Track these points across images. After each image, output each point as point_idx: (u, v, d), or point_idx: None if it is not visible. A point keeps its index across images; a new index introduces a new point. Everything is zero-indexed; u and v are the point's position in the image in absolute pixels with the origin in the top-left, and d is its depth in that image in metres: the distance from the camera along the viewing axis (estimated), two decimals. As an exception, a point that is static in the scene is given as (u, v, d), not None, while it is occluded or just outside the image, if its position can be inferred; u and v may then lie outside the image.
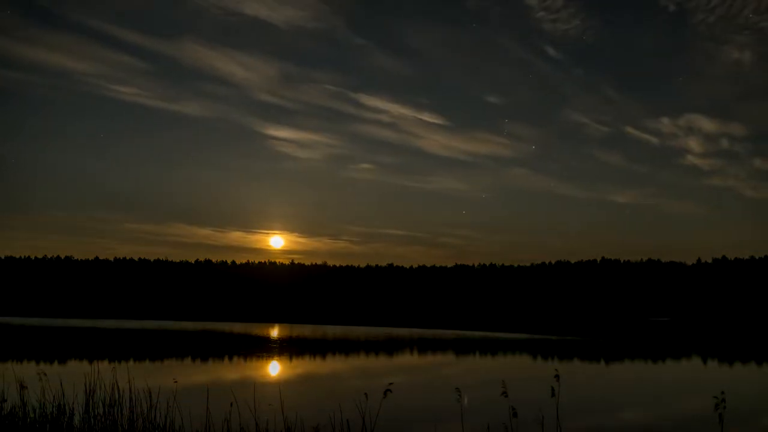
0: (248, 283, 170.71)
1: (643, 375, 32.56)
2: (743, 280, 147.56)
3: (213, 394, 12.85)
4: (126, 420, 12.05)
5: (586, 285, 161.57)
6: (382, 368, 34.06)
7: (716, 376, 32.49)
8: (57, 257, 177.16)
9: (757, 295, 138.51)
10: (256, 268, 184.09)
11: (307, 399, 22.06)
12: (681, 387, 27.58)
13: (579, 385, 25.72)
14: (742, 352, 47.87)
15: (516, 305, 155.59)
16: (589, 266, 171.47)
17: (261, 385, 23.25)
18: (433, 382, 28.39)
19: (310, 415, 16.61)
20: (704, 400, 20.52)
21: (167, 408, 11.99)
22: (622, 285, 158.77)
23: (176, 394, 12.19)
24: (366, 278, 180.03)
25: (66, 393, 12.23)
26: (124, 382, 12.25)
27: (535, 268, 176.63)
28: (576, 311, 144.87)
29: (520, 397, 19.97)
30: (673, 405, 21.90)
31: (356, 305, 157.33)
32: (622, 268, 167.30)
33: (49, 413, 12.05)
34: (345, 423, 11.04)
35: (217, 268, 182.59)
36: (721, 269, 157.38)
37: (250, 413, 11.61)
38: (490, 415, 15.92)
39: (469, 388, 24.01)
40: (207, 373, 30.66)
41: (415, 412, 19.14)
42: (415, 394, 22.81)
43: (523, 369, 34.82)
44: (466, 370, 35.05)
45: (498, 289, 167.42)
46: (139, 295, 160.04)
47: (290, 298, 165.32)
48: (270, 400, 14.08)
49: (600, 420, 18.38)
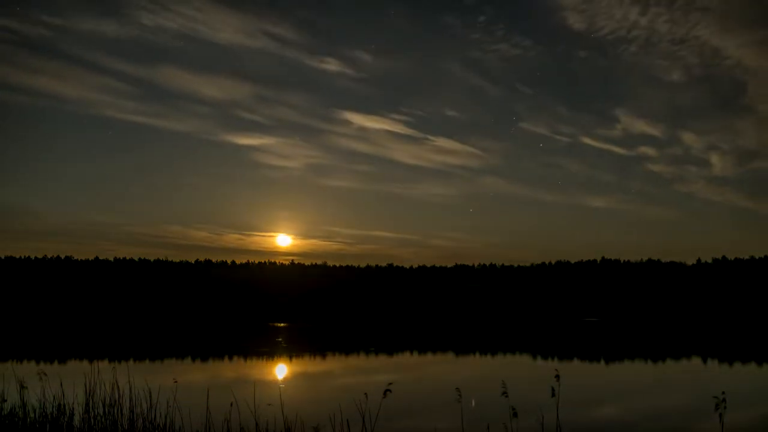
0: (248, 283, 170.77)
1: (644, 375, 32.57)
2: (736, 280, 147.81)
3: (213, 394, 12.85)
4: (126, 420, 12.05)
5: (584, 284, 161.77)
6: (382, 368, 34.07)
7: (716, 376, 32.50)
8: (57, 257, 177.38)
9: (747, 296, 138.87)
10: (256, 268, 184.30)
11: (307, 399, 22.08)
12: (681, 387, 27.59)
13: (579, 386, 25.74)
14: (742, 352, 47.87)
15: (515, 305, 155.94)
16: (590, 266, 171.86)
17: (261, 385, 23.26)
18: (433, 382, 28.40)
19: (310, 415, 16.63)
20: (705, 400, 20.53)
21: (167, 408, 12.00)
22: (622, 284, 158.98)
23: (176, 394, 12.18)
24: (365, 278, 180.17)
25: (66, 393, 12.23)
26: (124, 382, 12.24)
27: (536, 268, 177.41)
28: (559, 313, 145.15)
29: (520, 397, 19.97)
30: (672, 405, 21.91)
31: (356, 305, 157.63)
32: (622, 268, 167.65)
33: (49, 413, 12.05)
34: (345, 423, 11.04)
35: (217, 267, 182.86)
36: (717, 269, 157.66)
37: (250, 413, 11.62)
38: (490, 415, 15.93)
39: (469, 388, 24.02)
40: (207, 373, 30.68)
41: (415, 412, 19.15)
42: (415, 394, 22.82)
43: (523, 369, 34.84)
44: (466, 370, 35.08)
45: (498, 289, 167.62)
46: (139, 295, 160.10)
47: (290, 297, 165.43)
48: (270, 400, 14.08)
49: (600, 420, 18.39)
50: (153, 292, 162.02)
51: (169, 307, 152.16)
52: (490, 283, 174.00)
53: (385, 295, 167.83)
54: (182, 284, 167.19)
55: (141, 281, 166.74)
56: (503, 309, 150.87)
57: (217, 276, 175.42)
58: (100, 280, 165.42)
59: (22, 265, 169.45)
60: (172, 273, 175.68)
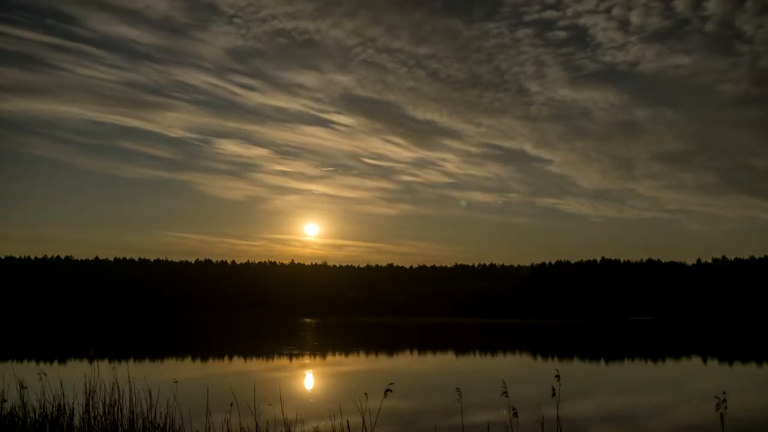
0: (247, 283, 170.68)
1: (644, 374, 32.57)
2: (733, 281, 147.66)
3: (213, 394, 12.84)
4: (126, 420, 12.03)
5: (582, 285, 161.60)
6: (382, 368, 34.07)
7: (717, 376, 32.49)
8: (57, 257, 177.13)
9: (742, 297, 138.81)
10: (256, 268, 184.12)
11: (307, 399, 22.07)
12: (681, 387, 27.58)
13: (579, 385, 25.73)
14: (742, 353, 47.87)
15: (516, 303, 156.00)
16: (589, 266, 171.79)
17: (261, 385, 23.25)
18: (433, 382, 28.39)
19: (310, 415, 16.62)
20: (705, 400, 20.54)
21: (167, 408, 11.98)
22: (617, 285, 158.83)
23: (176, 394, 12.17)
24: (366, 278, 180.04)
25: (66, 393, 12.21)
26: (124, 382, 12.23)
27: (536, 268, 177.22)
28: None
29: (520, 397, 19.97)
30: (673, 405, 21.90)
31: (357, 304, 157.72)
32: (622, 269, 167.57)
33: (49, 413, 12.03)
34: (345, 423, 11.02)
35: (216, 267, 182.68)
36: (714, 271, 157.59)
37: (250, 413, 11.61)
38: (490, 415, 15.92)
39: (469, 388, 24.01)
40: (207, 373, 30.68)
41: (415, 412, 19.14)
42: (415, 394, 22.82)
43: (523, 369, 34.83)
44: (466, 370, 35.08)
45: (498, 289, 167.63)
46: (139, 295, 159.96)
47: (290, 297, 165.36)
48: (270, 400, 14.07)
49: (600, 419, 18.38)
50: (153, 293, 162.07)
51: (168, 307, 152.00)
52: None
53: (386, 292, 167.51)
54: (182, 284, 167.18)
55: (141, 281, 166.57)
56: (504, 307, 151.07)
57: (217, 275, 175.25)
58: (99, 280, 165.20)
59: (22, 265, 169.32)
60: (172, 272, 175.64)
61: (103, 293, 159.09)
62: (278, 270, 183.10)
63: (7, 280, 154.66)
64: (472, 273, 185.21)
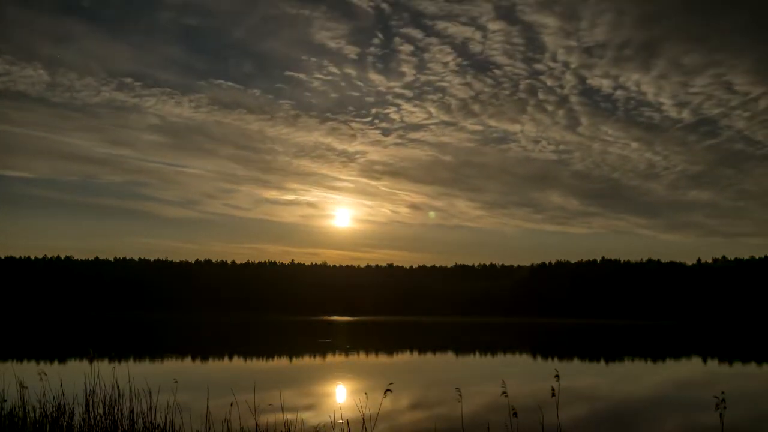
0: (248, 283, 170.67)
1: (644, 374, 32.56)
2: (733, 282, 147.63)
3: (213, 394, 12.83)
4: (126, 420, 12.02)
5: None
6: (382, 367, 34.07)
7: (717, 375, 32.49)
8: (57, 257, 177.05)
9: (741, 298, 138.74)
10: (256, 267, 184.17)
11: (307, 399, 22.06)
12: (681, 387, 27.57)
13: (580, 385, 25.72)
14: (742, 353, 47.86)
15: (515, 303, 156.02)
16: (590, 266, 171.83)
17: (261, 385, 23.23)
18: (433, 382, 28.37)
19: (310, 415, 16.61)
20: (705, 400, 20.54)
21: (167, 408, 11.97)
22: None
23: (176, 394, 12.16)
24: (367, 278, 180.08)
25: (66, 393, 12.20)
26: (124, 382, 12.22)
27: (536, 268, 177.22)
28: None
29: (520, 397, 19.97)
30: (672, 404, 21.90)
31: (359, 303, 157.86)
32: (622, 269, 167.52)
33: (49, 413, 12.01)
34: (345, 423, 11.04)
35: (216, 267, 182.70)
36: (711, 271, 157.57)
37: (250, 413, 11.60)
38: (490, 415, 15.92)
39: (469, 389, 24.00)
40: (207, 372, 30.67)
41: (415, 412, 19.13)
42: (415, 394, 22.80)
43: (523, 369, 34.83)
44: (466, 370, 35.07)
45: (498, 288, 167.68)
46: (139, 294, 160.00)
47: (289, 296, 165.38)
48: (270, 400, 14.07)
49: (600, 420, 18.38)
50: (153, 293, 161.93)
51: (169, 307, 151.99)
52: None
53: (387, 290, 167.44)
54: (182, 284, 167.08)
55: (140, 281, 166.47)
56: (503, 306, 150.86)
57: (217, 275, 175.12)
58: (99, 280, 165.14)
59: (22, 265, 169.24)
60: (172, 272, 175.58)
61: (103, 293, 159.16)
62: (278, 270, 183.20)
63: (7, 280, 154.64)
64: (472, 273, 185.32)
